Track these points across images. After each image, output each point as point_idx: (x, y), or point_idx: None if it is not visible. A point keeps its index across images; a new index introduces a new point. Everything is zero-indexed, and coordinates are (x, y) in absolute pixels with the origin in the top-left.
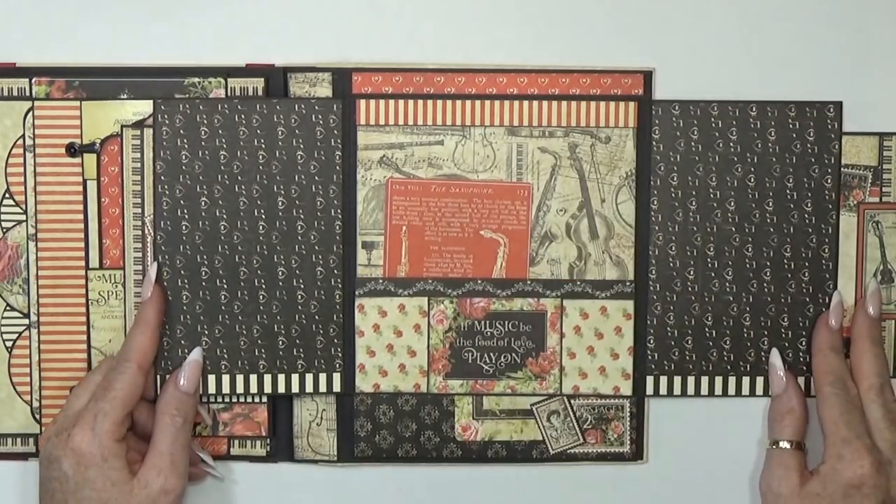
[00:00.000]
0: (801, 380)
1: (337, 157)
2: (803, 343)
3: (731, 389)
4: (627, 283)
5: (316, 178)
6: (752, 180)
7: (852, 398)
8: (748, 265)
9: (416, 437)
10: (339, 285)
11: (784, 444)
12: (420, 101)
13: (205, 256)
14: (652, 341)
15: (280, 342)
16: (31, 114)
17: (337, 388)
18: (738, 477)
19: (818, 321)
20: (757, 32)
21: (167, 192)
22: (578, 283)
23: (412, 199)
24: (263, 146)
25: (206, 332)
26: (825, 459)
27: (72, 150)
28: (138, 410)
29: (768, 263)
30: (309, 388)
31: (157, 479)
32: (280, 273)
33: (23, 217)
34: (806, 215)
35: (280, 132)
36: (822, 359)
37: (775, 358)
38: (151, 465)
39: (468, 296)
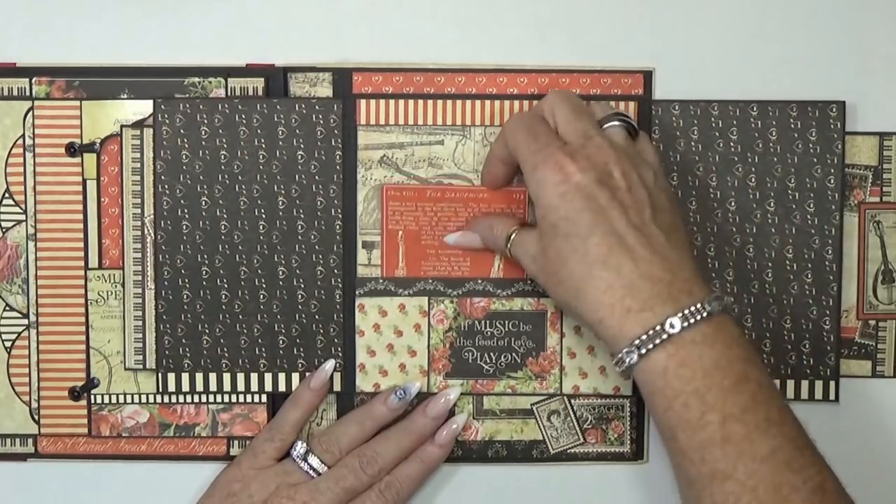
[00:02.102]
0: None
1: (337, 157)
2: (806, 346)
3: None
4: None
5: (316, 178)
6: (753, 180)
7: (533, 115)
8: (749, 266)
9: None
10: (340, 285)
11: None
12: (420, 101)
13: (205, 256)
14: None
15: (280, 341)
16: (31, 114)
17: (337, 387)
18: None
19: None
20: (757, 32)
21: (168, 192)
22: None
23: (407, 204)
24: (264, 146)
25: (207, 331)
26: (527, 183)
27: (72, 150)
28: None
29: (770, 264)
30: None
31: None
32: (280, 273)
33: (22, 217)
34: (808, 216)
35: (280, 132)
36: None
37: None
38: None
39: (468, 295)
